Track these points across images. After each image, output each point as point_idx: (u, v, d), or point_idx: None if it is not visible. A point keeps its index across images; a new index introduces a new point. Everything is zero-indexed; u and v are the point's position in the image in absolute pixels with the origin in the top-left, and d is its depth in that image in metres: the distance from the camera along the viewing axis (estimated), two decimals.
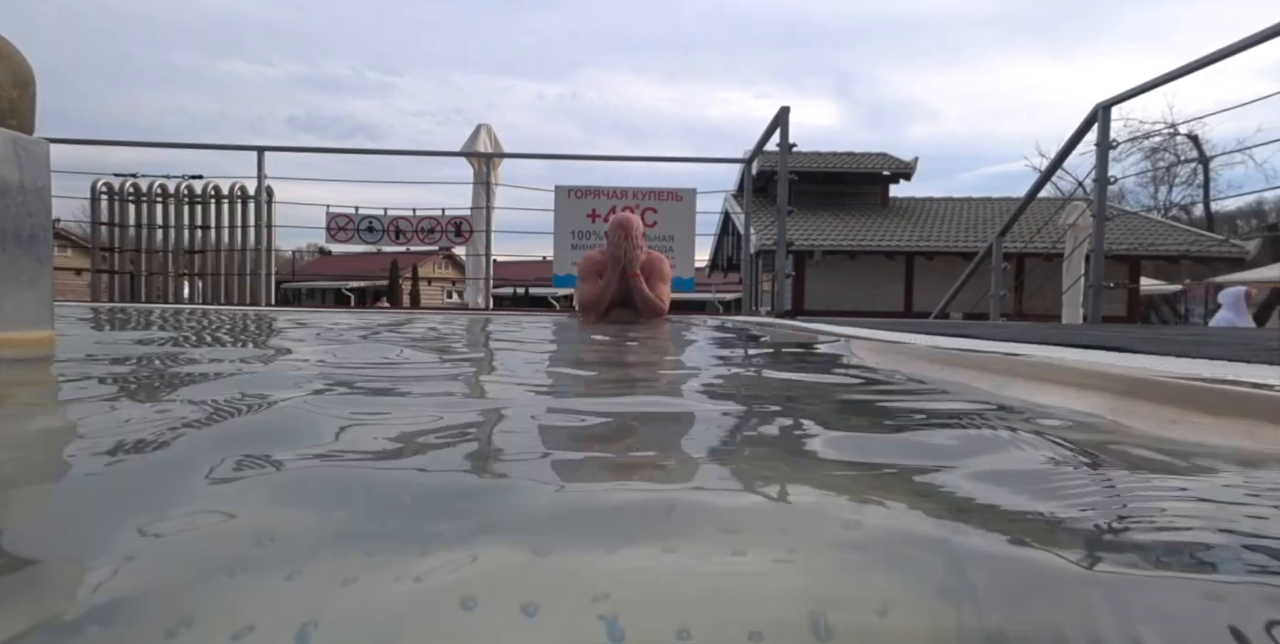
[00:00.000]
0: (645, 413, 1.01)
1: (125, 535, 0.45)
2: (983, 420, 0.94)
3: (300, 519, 0.50)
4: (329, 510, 0.52)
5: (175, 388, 1.16)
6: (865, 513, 0.52)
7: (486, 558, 0.41)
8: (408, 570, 0.39)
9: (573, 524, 0.49)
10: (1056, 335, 2.27)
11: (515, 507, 0.53)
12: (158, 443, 0.73)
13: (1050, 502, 0.54)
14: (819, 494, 0.58)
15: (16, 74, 1.68)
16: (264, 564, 0.41)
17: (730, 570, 0.40)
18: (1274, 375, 1.03)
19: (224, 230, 6.57)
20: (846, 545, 0.46)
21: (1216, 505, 0.55)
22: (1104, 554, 0.44)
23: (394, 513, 0.51)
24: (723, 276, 19.03)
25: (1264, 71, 13.16)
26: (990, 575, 0.40)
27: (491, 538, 0.46)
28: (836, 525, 0.50)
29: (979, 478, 0.61)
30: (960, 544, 0.45)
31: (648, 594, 0.37)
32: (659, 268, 4.10)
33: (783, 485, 0.60)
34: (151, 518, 0.48)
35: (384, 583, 0.38)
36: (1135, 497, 0.58)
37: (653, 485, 0.62)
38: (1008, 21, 64.37)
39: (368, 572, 0.39)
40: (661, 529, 0.47)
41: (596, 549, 0.43)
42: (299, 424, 0.85)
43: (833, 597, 0.38)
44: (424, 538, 0.45)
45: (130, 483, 0.60)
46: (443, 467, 0.65)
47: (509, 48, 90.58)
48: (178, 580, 0.39)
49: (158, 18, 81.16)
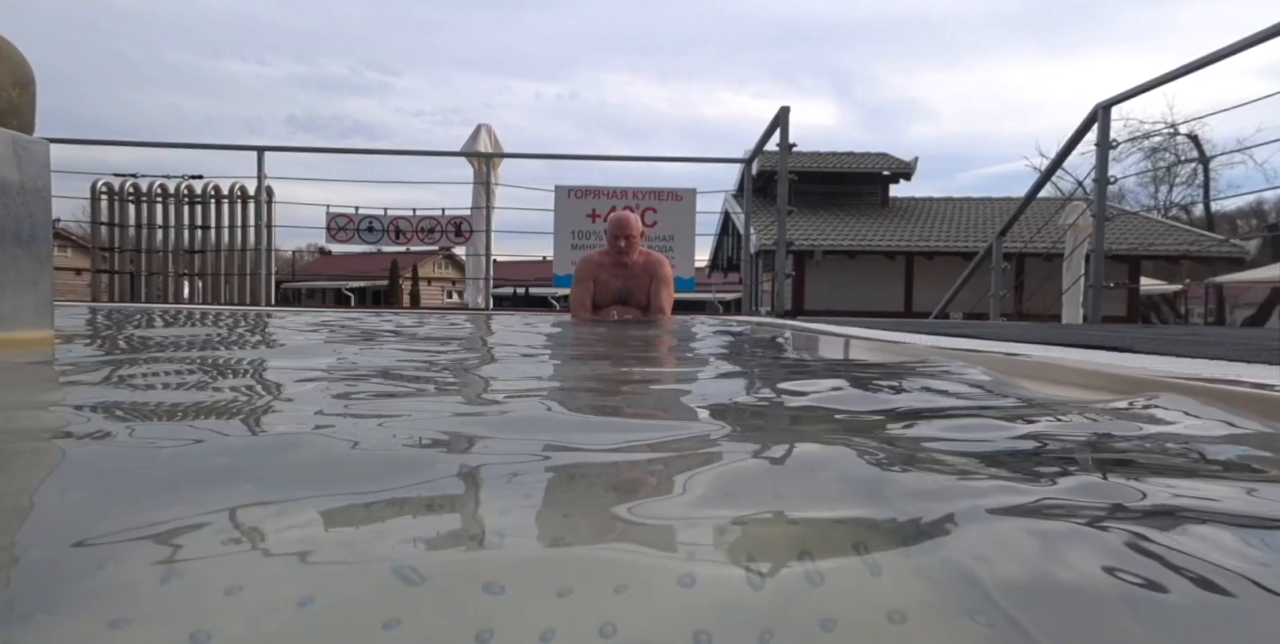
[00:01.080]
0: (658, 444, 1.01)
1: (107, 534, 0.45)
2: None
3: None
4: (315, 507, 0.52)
5: (175, 387, 1.15)
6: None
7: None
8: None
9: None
10: (1056, 335, 2.27)
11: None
12: (156, 441, 0.73)
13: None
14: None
15: (16, 74, 1.68)
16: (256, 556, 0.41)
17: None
18: (1274, 375, 1.03)
19: (224, 230, 6.57)
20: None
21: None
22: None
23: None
24: (723, 276, 19.03)
25: (1263, 71, 13.18)
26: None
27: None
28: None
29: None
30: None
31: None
32: (659, 272, 4.03)
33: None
34: (135, 518, 0.48)
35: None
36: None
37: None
38: (1007, 21, 64.43)
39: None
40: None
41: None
42: (291, 423, 0.85)
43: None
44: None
45: (122, 482, 0.60)
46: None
47: (507, 47, 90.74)
48: (165, 573, 0.39)
49: (156, 18, 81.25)
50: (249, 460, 0.67)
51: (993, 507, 0.50)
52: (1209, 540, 0.45)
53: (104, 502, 0.54)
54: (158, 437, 0.78)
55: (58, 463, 0.68)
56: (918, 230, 15.33)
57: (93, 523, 0.48)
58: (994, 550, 0.43)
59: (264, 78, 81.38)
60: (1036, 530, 0.47)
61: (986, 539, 0.45)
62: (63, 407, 1.01)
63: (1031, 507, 0.51)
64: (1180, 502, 0.54)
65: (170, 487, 0.58)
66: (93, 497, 0.56)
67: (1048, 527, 0.48)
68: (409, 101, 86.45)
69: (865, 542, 0.44)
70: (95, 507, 0.53)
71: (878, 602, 0.37)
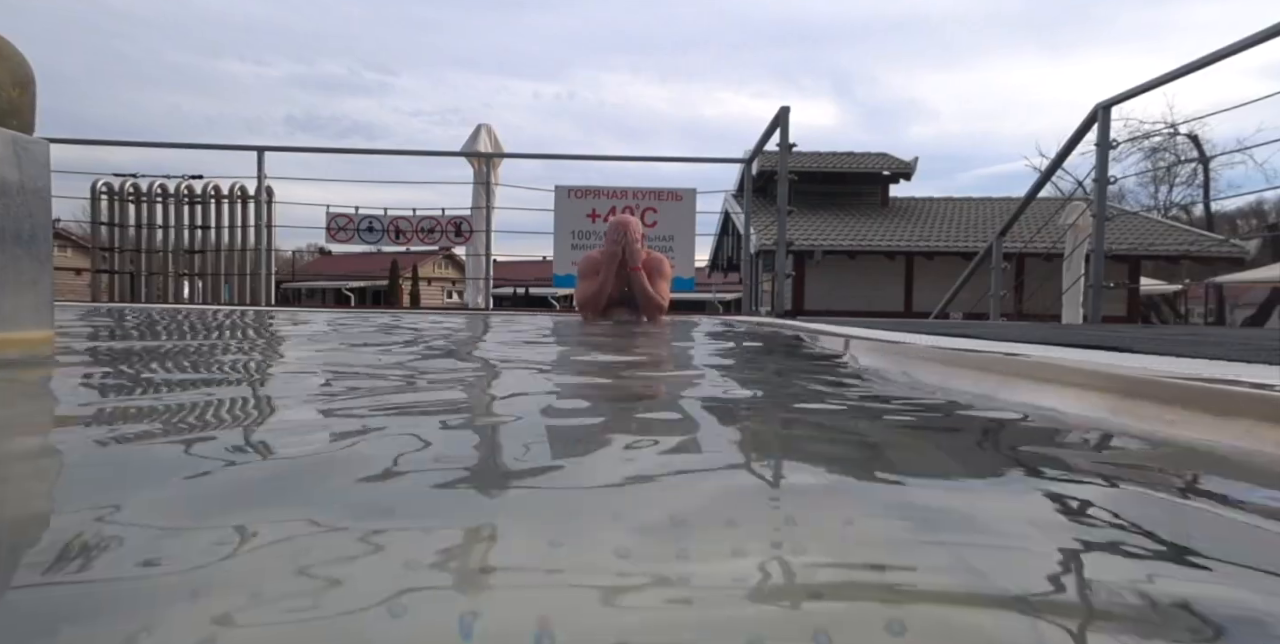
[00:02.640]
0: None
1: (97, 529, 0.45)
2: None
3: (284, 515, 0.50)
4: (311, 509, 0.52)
5: (175, 388, 1.15)
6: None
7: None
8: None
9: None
10: (1056, 335, 2.27)
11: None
12: (153, 442, 0.73)
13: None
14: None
15: (16, 74, 1.68)
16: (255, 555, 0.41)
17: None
18: (1274, 375, 1.03)
19: (224, 230, 6.57)
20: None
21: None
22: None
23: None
24: (723, 276, 19.01)
25: (1263, 71, 13.16)
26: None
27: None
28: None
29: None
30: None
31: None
32: (659, 267, 4.12)
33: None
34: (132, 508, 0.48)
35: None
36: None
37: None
38: (1007, 21, 64.40)
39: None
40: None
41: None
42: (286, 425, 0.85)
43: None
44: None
45: (116, 479, 0.60)
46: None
47: (505, 47, 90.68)
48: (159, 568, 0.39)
49: (155, 18, 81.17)
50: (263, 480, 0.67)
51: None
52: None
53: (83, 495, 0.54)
54: (155, 435, 0.78)
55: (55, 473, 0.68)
56: (918, 230, 15.31)
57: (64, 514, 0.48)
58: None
59: (263, 78, 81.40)
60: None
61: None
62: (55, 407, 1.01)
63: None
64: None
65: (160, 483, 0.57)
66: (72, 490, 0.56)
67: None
68: (407, 101, 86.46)
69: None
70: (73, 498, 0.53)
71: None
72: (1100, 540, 0.49)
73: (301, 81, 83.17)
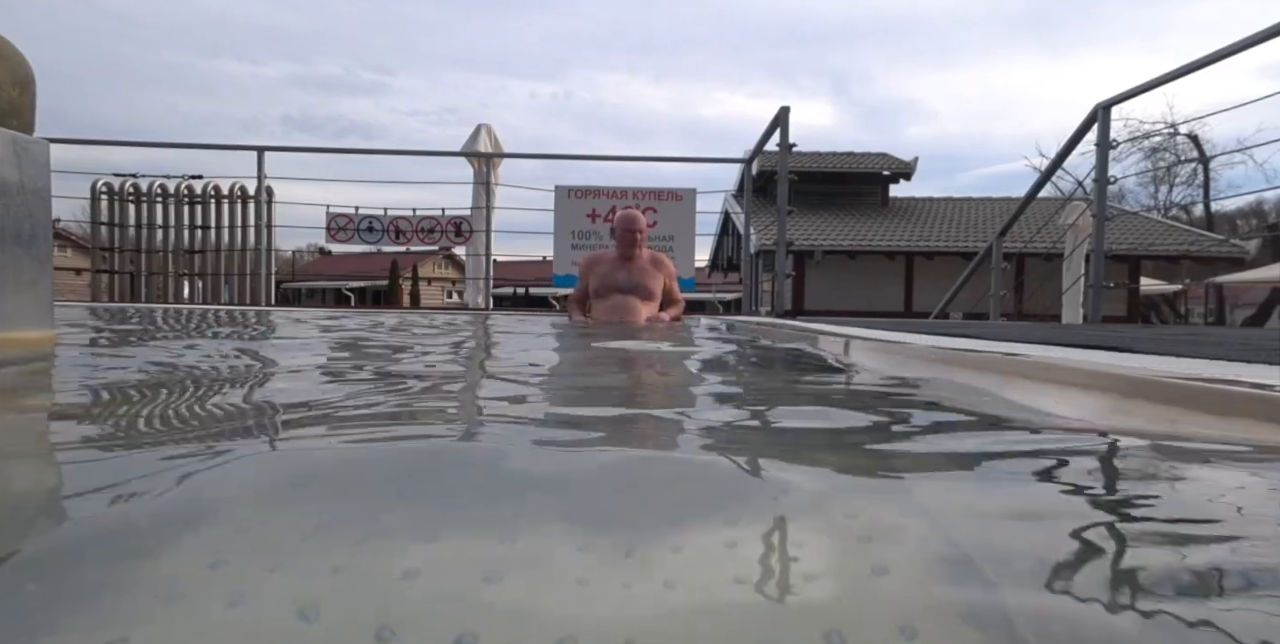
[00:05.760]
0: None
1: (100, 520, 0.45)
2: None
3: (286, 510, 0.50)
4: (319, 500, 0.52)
5: (175, 388, 1.15)
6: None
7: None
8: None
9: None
10: (1056, 335, 2.27)
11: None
12: (151, 440, 0.73)
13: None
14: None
15: (16, 74, 1.68)
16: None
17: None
18: (1274, 375, 1.03)
19: (224, 230, 6.57)
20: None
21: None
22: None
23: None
24: (723, 276, 19.02)
25: (1263, 71, 13.17)
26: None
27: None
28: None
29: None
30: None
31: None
32: (666, 267, 4.18)
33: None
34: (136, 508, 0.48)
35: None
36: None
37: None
38: (1007, 21, 64.44)
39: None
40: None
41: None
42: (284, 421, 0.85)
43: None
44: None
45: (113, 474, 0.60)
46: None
47: (503, 47, 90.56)
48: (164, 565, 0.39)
49: (153, 18, 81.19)
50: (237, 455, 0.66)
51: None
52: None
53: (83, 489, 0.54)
54: (153, 433, 0.78)
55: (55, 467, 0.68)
56: (918, 230, 15.32)
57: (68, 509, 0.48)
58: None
59: (260, 78, 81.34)
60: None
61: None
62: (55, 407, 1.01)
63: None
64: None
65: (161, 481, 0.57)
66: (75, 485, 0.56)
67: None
68: (404, 101, 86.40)
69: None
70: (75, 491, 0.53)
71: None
72: (1101, 540, 0.49)
73: (298, 81, 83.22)
